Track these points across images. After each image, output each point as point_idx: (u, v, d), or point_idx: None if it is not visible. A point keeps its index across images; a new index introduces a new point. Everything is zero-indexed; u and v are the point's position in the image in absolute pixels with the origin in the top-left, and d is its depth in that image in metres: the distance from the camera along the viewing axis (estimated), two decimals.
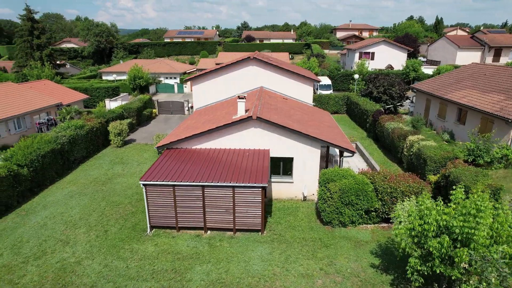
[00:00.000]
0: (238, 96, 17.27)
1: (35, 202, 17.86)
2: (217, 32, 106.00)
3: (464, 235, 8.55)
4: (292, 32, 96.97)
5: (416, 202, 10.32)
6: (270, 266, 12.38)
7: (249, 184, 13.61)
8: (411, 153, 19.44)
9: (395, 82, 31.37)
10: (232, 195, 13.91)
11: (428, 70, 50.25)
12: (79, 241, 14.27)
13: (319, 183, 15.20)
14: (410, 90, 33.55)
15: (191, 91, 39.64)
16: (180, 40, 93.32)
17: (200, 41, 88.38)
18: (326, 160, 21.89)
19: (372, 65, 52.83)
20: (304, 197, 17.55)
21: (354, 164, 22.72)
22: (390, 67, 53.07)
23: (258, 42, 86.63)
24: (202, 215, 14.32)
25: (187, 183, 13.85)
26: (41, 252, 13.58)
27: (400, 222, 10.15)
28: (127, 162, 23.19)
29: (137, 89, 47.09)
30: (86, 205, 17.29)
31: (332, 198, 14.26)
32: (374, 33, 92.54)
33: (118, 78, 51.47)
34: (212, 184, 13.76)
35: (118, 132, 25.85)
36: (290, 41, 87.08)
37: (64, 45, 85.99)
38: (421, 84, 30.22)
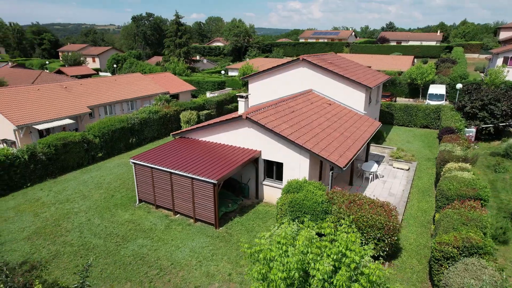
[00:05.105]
0: (239, 96, 17.77)
1: (97, 165, 23.11)
2: (353, 33, 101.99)
3: None
4: (438, 33, 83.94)
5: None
6: (190, 258, 12.92)
7: (202, 178, 14.31)
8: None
9: (503, 96, 24.45)
10: (191, 186, 14.90)
11: None
12: (92, 198, 18.10)
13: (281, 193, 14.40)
14: None
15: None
16: (314, 40, 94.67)
17: (333, 41, 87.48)
18: (350, 174, 19.78)
19: None
20: None
21: (389, 186, 19.61)
22: None
23: (394, 44, 79.27)
24: (171, 199, 15.87)
25: (160, 168, 15.62)
26: (66, 200, 17.98)
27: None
28: None
29: (245, 85, 51.48)
30: (120, 173, 21.33)
31: (281, 210, 13.39)
32: None
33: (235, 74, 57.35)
34: (176, 172, 15.09)
35: (187, 120, 29.73)
36: (433, 43, 75.92)
37: (214, 44, 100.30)
38: None
